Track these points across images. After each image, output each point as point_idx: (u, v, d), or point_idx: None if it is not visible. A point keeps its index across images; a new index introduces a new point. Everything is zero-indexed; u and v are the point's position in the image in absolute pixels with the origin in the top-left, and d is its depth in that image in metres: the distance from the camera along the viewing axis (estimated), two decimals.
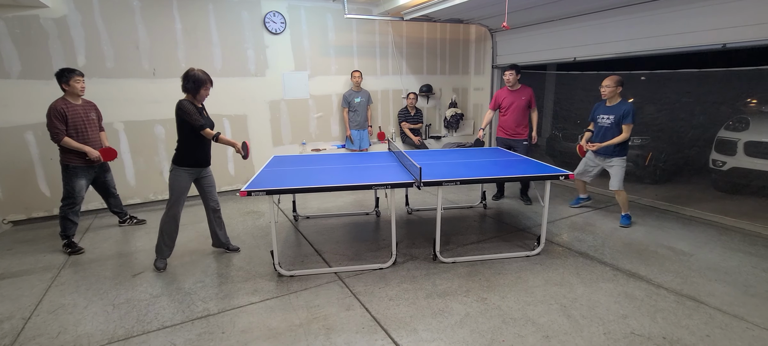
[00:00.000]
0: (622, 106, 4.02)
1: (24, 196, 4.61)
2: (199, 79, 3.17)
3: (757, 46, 3.75)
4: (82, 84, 3.81)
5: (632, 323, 2.49)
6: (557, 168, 3.56)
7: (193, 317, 2.67)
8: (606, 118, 4.12)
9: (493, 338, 2.38)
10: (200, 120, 3.17)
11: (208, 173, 3.50)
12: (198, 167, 3.38)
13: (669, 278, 3.04)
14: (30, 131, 4.52)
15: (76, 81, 3.74)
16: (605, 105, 4.18)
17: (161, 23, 4.94)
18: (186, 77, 3.17)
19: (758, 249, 3.52)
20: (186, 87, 3.19)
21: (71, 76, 3.71)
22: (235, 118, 5.58)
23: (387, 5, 5.62)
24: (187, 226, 4.43)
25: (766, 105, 5.28)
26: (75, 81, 3.73)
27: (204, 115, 3.31)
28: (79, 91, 3.78)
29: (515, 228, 4.19)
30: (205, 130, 3.19)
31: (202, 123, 3.18)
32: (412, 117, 6.61)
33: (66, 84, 3.71)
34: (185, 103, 3.16)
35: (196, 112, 3.18)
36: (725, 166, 4.96)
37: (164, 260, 3.40)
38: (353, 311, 2.69)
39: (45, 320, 2.66)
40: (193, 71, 3.18)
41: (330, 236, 4.04)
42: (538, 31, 5.93)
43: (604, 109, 4.18)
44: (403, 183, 3.12)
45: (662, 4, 4.38)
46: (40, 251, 3.83)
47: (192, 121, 3.13)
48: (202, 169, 3.43)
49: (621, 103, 4.05)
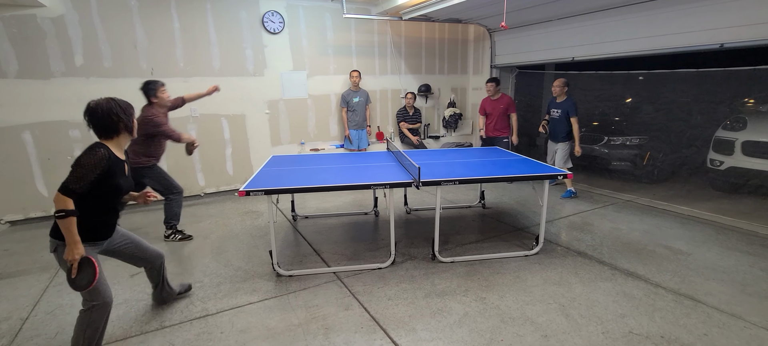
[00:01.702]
0: (567, 102, 5.03)
1: (21, 196, 4.59)
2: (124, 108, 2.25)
3: (754, 46, 3.77)
4: (167, 93, 3.80)
5: (630, 322, 2.50)
6: (555, 168, 3.56)
7: (191, 317, 2.66)
8: (556, 112, 5.14)
9: (492, 338, 2.38)
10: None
11: None
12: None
13: (667, 278, 3.05)
14: (27, 131, 4.50)
15: (162, 92, 3.74)
16: (556, 101, 5.16)
17: (159, 22, 4.93)
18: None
19: (755, 248, 3.53)
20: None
21: (158, 87, 3.70)
22: (233, 117, 5.57)
23: (385, 5, 5.62)
24: (184, 226, 4.42)
25: (763, 105, 5.30)
26: (161, 92, 3.72)
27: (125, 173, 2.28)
28: (166, 102, 3.78)
29: (514, 228, 4.20)
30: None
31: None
32: (410, 117, 6.61)
33: (154, 96, 3.69)
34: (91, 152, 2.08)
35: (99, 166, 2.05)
36: (723, 165, 4.97)
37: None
38: (352, 311, 2.69)
39: (43, 321, 2.65)
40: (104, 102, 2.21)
41: (329, 236, 4.03)
42: (537, 31, 5.94)
43: (554, 105, 5.19)
44: (402, 183, 3.12)
45: (660, 4, 4.39)
46: (38, 251, 3.81)
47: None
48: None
49: (566, 100, 5.04)
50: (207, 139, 5.45)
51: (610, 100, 6.51)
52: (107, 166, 2.07)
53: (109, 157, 2.09)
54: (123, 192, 2.26)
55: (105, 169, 2.06)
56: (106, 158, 2.07)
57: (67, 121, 4.66)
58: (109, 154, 2.10)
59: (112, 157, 2.12)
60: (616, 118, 6.48)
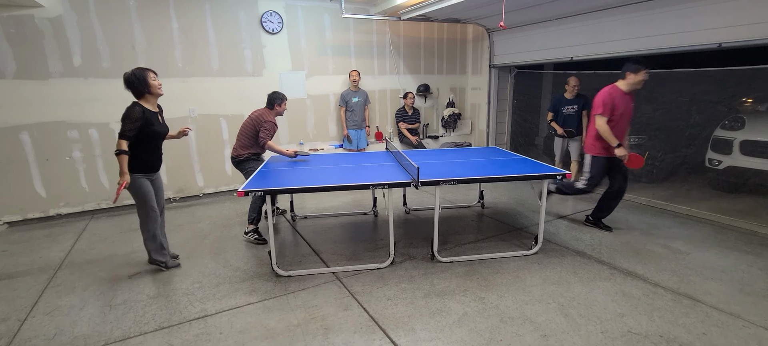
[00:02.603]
0: (580, 99, 5.28)
1: (19, 197, 4.58)
2: (139, 74, 2.99)
3: (752, 45, 3.77)
4: (285, 105, 4.11)
5: (629, 322, 2.50)
6: (555, 167, 3.56)
7: (190, 317, 2.66)
8: (570, 108, 5.33)
9: (491, 338, 2.38)
10: (130, 132, 2.93)
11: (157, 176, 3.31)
12: (153, 173, 3.22)
13: (666, 277, 3.06)
14: (25, 132, 4.49)
15: (283, 107, 4.09)
16: (567, 99, 5.35)
17: (158, 23, 4.92)
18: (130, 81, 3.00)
19: (754, 247, 3.54)
20: (137, 90, 3.03)
21: (283, 100, 4.07)
22: (231, 117, 5.57)
23: (384, 5, 5.62)
24: (184, 226, 4.42)
25: (761, 104, 5.31)
26: (283, 107, 4.08)
27: (160, 120, 3.17)
28: (282, 112, 4.11)
29: (513, 227, 4.20)
30: (121, 143, 2.91)
31: (129, 135, 2.93)
32: (409, 117, 6.61)
33: (278, 105, 4.04)
34: (134, 107, 2.97)
35: (138, 120, 2.94)
36: (721, 165, 4.98)
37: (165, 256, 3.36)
38: (351, 311, 2.69)
39: (41, 322, 2.65)
40: (127, 73, 3.00)
41: (328, 236, 4.03)
42: (535, 31, 5.95)
43: (566, 102, 5.37)
44: (401, 183, 3.12)
45: (658, 4, 4.40)
46: (36, 251, 3.80)
47: (124, 128, 2.93)
48: (153, 174, 3.24)
49: (579, 97, 5.28)
50: (206, 139, 5.45)
51: None
52: (144, 117, 2.96)
53: (144, 112, 2.98)
54: (162, 135, 3.18)
55: (143, 119, 2.95)
56: (141, 112, 2.96)
57: (65, 122, 4.64)
58: (144, 109, 2.98)
59: (146, 111, 3.00)
60: None
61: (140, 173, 3.07)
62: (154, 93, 3.08)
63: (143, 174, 3.10)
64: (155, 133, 3.09)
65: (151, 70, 3.09)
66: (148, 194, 3.12)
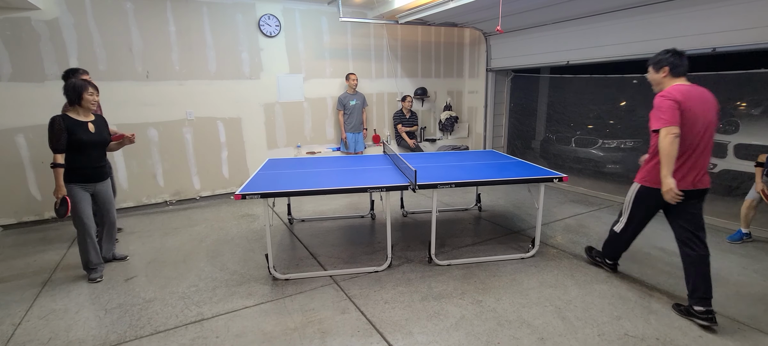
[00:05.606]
0: None
1: (14, 200, 4.55)
2: (77, 86, 3.00)
3: (745, 50, 3.82)
4: None
5: (626, 325, 2.51)
6: (551, 170, 3.58)
7: (186, 321, 2.65)
8: None
9: (489, 341, 2.38)
10: (57, 144, 2.93)
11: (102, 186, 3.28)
12: (89, 182, 3.15)
13: (662, 280, 3.07)
14: (21, 134, 4.46)
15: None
16: None
17: (155, 26, 4.92)
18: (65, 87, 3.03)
19: (749, 250, 3.56)
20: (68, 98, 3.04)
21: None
22: (229, 120, 5.56)
23: (382, 8, 5.64)
24: (180, 230, 4.40)
25: (755, 108, 5.36)
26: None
27: (90, 130, 3.08)
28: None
29: (510, 230, 4.21)
30: (55, 157, 2.94)
31: (57, 147, 2.94)
32: (407, 120, 6.63)
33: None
34: (54, 120, 2.95)
35: (61, 131, 2.93)
36: (716, 168, 5.03)
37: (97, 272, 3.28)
38: (348, 315, 2.68)
39: (36, 326, 2.62)
40: (70, 80, 3.08)
41: (325, 239, 4.03)
42: (532, 35, 5.99)
43: None
44: (399, 186, 3.13)
45: (654, 9, 4.44)
46: (31, 255, 3.77)
47: (50, 142, 2.93)
48: (94, 184, 3.19)
49: None
50: (203, 142, 5.43)
51: (604, 103, 6.55)
52: (65, 127, 2.93)
53: (64, 122, 2.95)
54: (91, 144, 3.08)
55: (64, 130, 2.92)
56: (60, 123, 2.93)
57: None
58: (64, 120, 2.97)
59: (67, 120, 2.98)
60: (611, 121, 6.52)
61: (74, 183, 3.04)
62: (84, 107, 3.05)
63: (77, 184, 3.06)
64: (81, 143, 3.01)
65: (91, 83, 3.09)
66: (77, 204, 3.05)
